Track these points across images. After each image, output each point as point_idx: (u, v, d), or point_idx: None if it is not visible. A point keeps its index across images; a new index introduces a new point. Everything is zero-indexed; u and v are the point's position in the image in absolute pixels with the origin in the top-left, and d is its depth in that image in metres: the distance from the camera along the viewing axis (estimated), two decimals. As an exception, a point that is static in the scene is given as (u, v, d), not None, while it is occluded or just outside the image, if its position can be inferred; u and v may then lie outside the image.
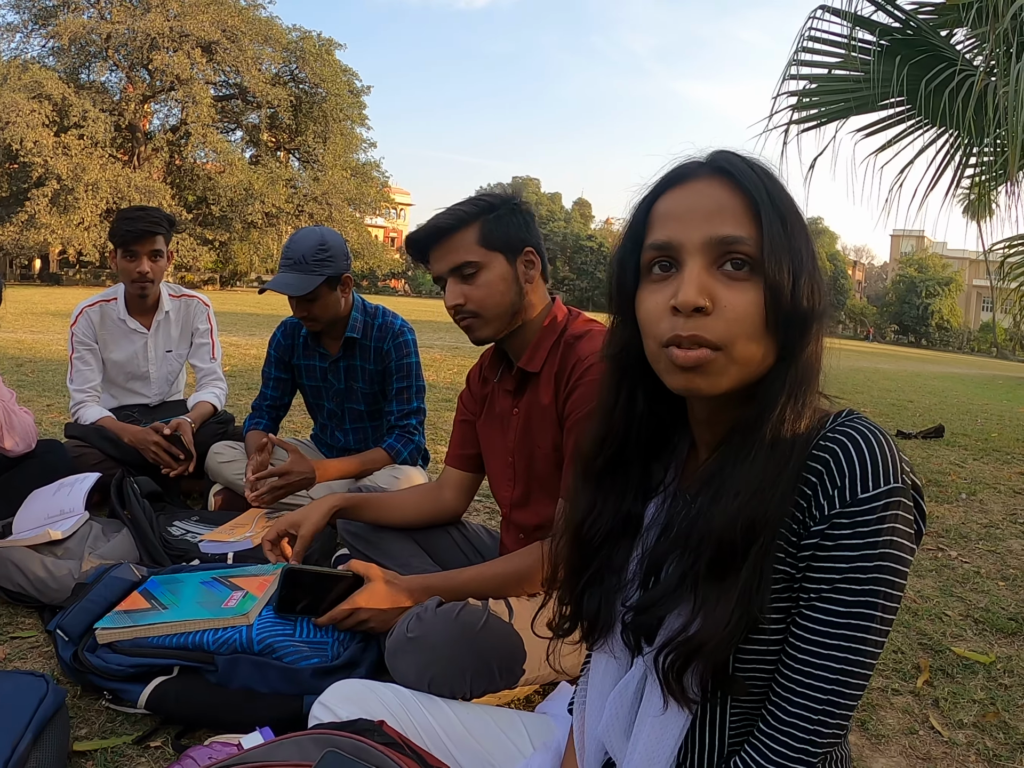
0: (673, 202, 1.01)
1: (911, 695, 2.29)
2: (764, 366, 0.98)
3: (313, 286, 2.88)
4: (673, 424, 1.14)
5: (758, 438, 0.96)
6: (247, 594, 2.05)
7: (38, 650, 2.20)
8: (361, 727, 1.33)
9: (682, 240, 0.97)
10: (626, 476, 1.13)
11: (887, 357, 32.23)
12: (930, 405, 11.19)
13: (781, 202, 0.98)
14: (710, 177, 1.00)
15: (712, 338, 0.93)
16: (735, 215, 0.97)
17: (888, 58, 5.79)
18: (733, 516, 0.94)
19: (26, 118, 33.68)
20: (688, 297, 0.93)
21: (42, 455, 2.97)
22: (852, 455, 0.90)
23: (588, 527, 1.14)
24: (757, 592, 0.92)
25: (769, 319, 0.95)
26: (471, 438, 2.31)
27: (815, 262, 0.99)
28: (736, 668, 0.97)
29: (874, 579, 0.90)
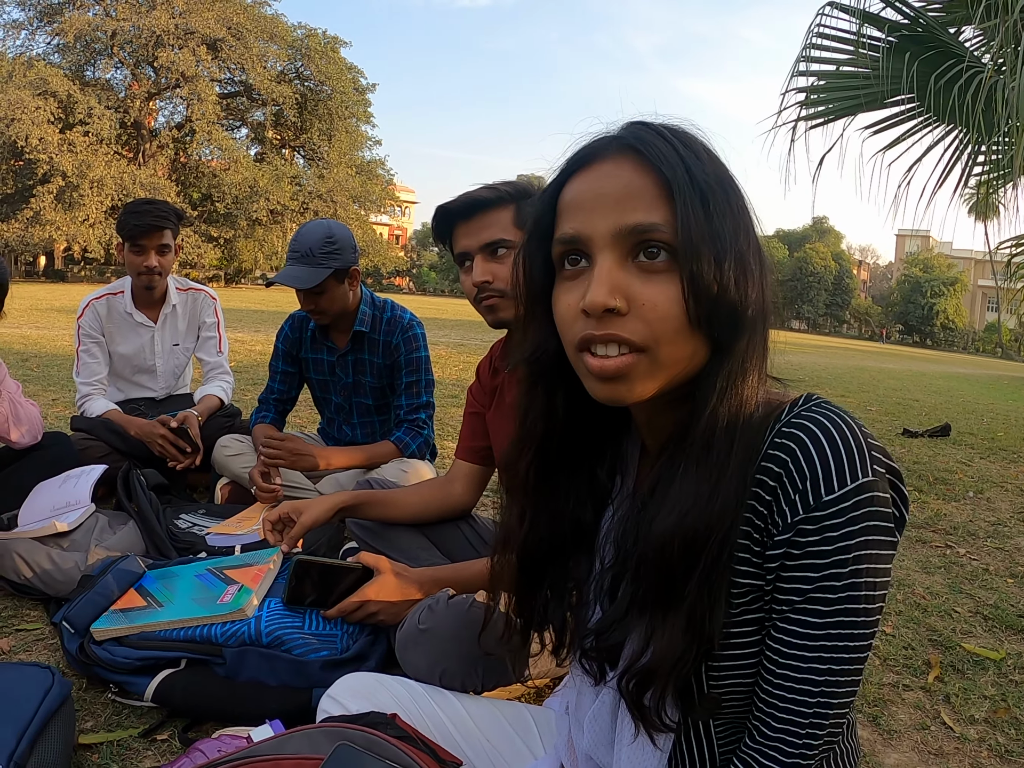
0: (579, 188, 0.90)
1: (922, 691, 2.28)
2: (696, 363, 0.88)
3: (320, 279, 2.87)
4: (612, 424, 1.04)
5: (690, 444, 0.87)
6: (242, 587, 2.02)
7: (43, 642, 2.19)
8: (373, 720, 1.31)
9: (589, 233, 0.87)
10: (559, 483, 1.04)
11: (892, 357, 32.20)
12: (936, 404, 11.16)
13: (703, 176, 0.86)
14: (619, 156, 0.88)
15: (631, 337, 0.84)
16: (646, 198, 0.85)
17: (897, 55, 5.77)
18: (669, 534, 0.86)
19: (31, 115, 33.75)
20: (597, 298, 0.84)
21: (48, 447, 2.96)
22: (811, 452, 0.81)
23: (523, 538, 1.05)
24: (709, 615, 0.85)
25: (691, 314, 0.84)
26: (481, 430, 2.29)
27: (749, 240, 0.88)
28: (710, 686, 0.90)
29: (850, 584, 0.81)
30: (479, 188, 1.95)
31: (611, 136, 0.91)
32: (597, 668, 1.00)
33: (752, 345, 0.88)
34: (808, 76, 6.35)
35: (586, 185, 0.90)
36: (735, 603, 0.87)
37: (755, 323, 0.88)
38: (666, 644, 0.86)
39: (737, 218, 0.88)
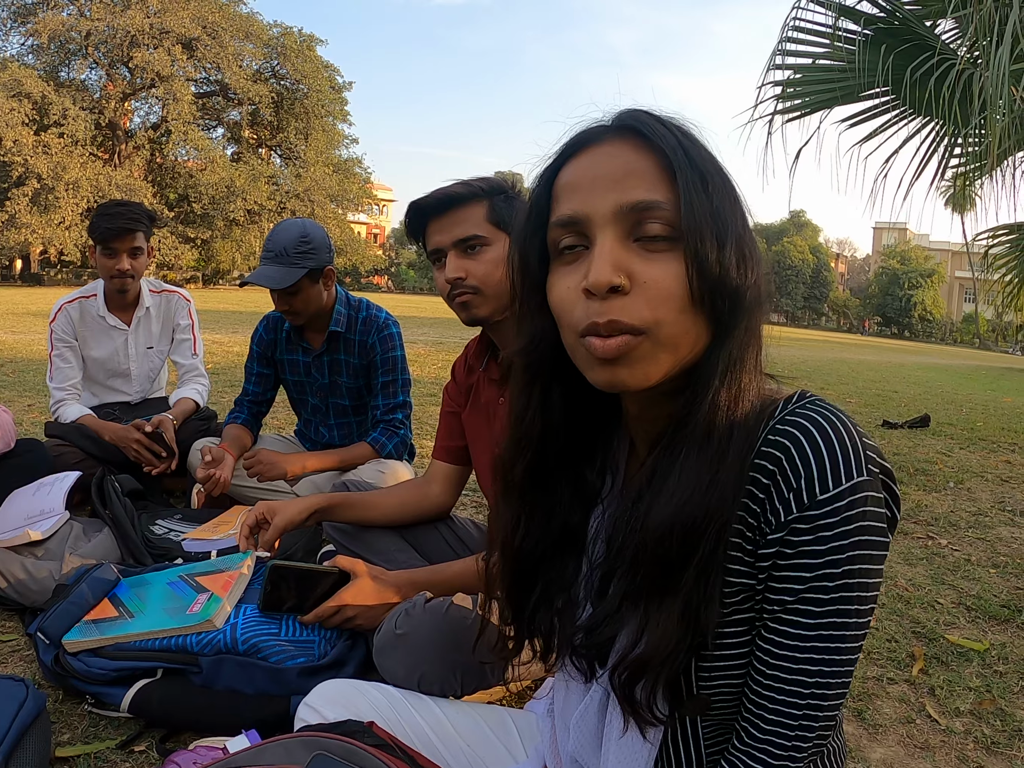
0: (577, 170, 0.89)
1: (907, 684, 2.28)
2: (696, 349, 0.87)
3: (294, 279, 2.84)
4: (604, 423, 1.03)
5: (691, 431, 0.86)
6: (211, 596, 1.99)
7: (19, 654, 2.16)
8: (350, 728, 1.30)
9: (589, 212, 0.86)
10: (552, 486, 1.02)
11: (871, 348, 32.42)
12: (915, 395, 11.23)
13: (701, 160, 0.86)
14: (617, 138, 0.88)
15: (633, 321, 0.82)
16: (647, 177, 0.85)
17: (873, 48, 5.78)
18: (668, 523, 0.84)
19: (5, 117, 33.61)
20: (600, 276, 0.82)
21: (22, 454, 2.93)
22: (806, 450, 0.80)
23: (518, 545, 1.03)
24: (705, 605, 0.83)
25: (694, 292, 0.83)
26: (457, 430, 2.27)
27: (745, 226, 0.88)
28: (700, 686, 0.89)
29: (843, 585, 0.80)
30: (452, 184, 1.92)
31: (608, 123, 0.90)
32: (587, 665, 0.98)
33: (749, 332, 0.87)
34: (784, 69, 6.35)
35: (584, 166, 0.88)
36: (726, 603, 0.86)
37: (751, 309, 0.87)
38: (661, 633, 0.85)
39: (735, 203, 0.88)
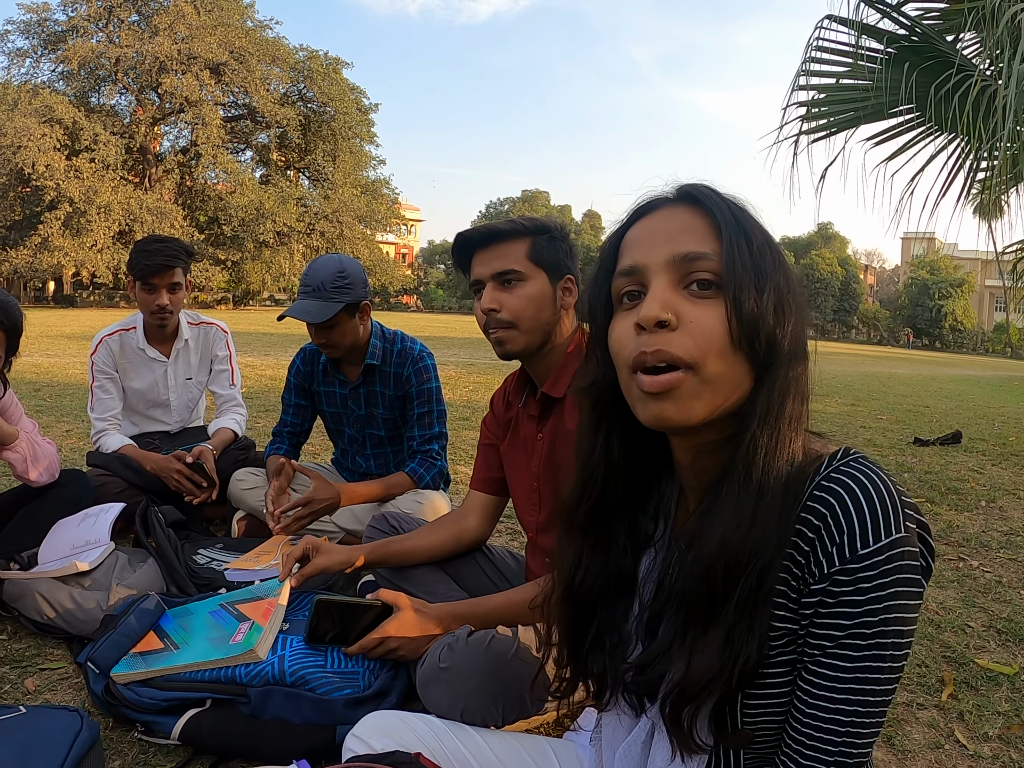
0: (639, 230, 1.02)
1: (936, 709, 2.28)
2: (738, 394, 0.95)
3: (331, 313, 2.89)
4: (656, 471, 1.11)
5: (733, 472, 0.94)
6: (253, 625, 2.04)
7: (68, 681, 2.21)
8: (398, 759, 1.33)
9: (646, 262, 0.97)
10: (611, 528, 1.10)
11: (902, 361, 32.10)
12: (946, 410, 11.13)
13: (747, 224, 0.97)
14: (676, 204, 1.00)
15: (679, 352, 0.91)
16: (697, 233, 0.96)
17: (896, 66, 5.79)
18: (713, 556, 0.92)
19: (37, 142, 34.08)
20: (650, 311, 0.93)
21: (66, 485, 2.98)
22: (849, 507, 0.87)
23: (579, 583, 1.11)
24: (748, 636, 0.90)
25: (733, 334, 0.92)
26: (495, 462, 2.32)
27: (788, 283, 0.97)
28: (744, 721, 0.95)
29: (879, 632, 0.87)
30: (499, 221, 2.02)
31: (670, 194, 1.02)
32: (637, 701, 1.04)
33: (788, 381, 0.95)
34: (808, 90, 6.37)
35: (646, 226, 1.01)
36: (772, 644, 0.93)
37: (791, 360, 0.95)
38: (705, 662, 0.92)
39: (777, 262, 0.98)
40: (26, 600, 2.43)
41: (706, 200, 0.98)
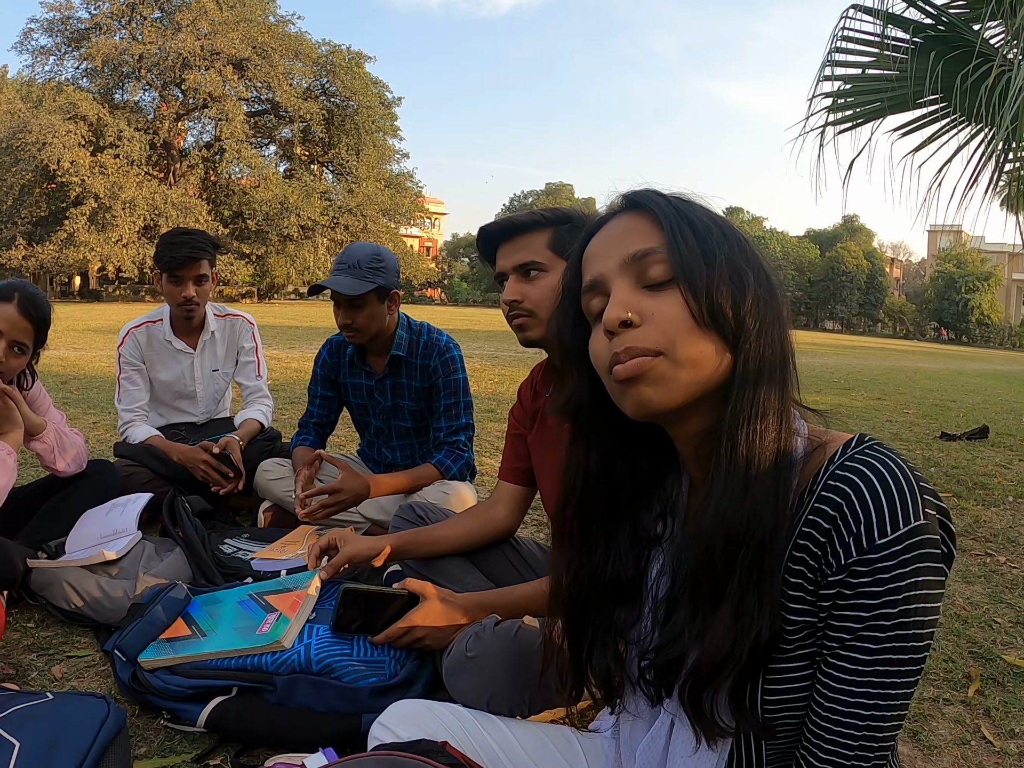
0: (593, 245, 1.05)
1: (962, 705, 2.27)
2: (719, 369, 0.95)
3: (364, 290, 2.92)
4: (659, 472, 1.11)
5: (721, 445, 0.94)
6: (280, 616, 2.05)
7: (94, 669, 2.23)
8: (425, 748, 1.33)
9: (603, 271, 1.00)
10: (600, 536, 1.11)
11: (928, 355, 31.84)
12: (973, 404, 11.04)
13: (689, 211, 0.99)
14: (621, 213, 1.04)
15: (647, 345, 0.93)
16: (641, 232, 0.99)
17: (922, 56, 5.72)
18: (711, 535, 0.93)
19: (62, 139, 34.43)
20: (613, 314, 0.95)
21: (93, 475, 3.01)
22: (865, 496, 0.86)
23: (567, 589, 1.13)
24: (758, 609, 0.90)
25: (695, 313, 0.93)
26: (523, 452, 2.31)
27: (741, 251, 0.98)
28: (765, 716, 0.95)
29: (899, 624, 0.85)
30: (520, 213, 2.01)
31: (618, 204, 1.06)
32: (654, 692, 1.04)
33: (764, 346, 0.95)
34: (834, 81, 6.31)
35: (598, 240, 1.05)
36: (789, 638, 0.92)
37: (762, 326, 0.95)
38: (717, 638, 0.91)
39: (725, 235, 0.99)
40: (54, 588, 2.46)
41: (645, 200, 1.01)
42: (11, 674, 2.16)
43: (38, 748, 1.53)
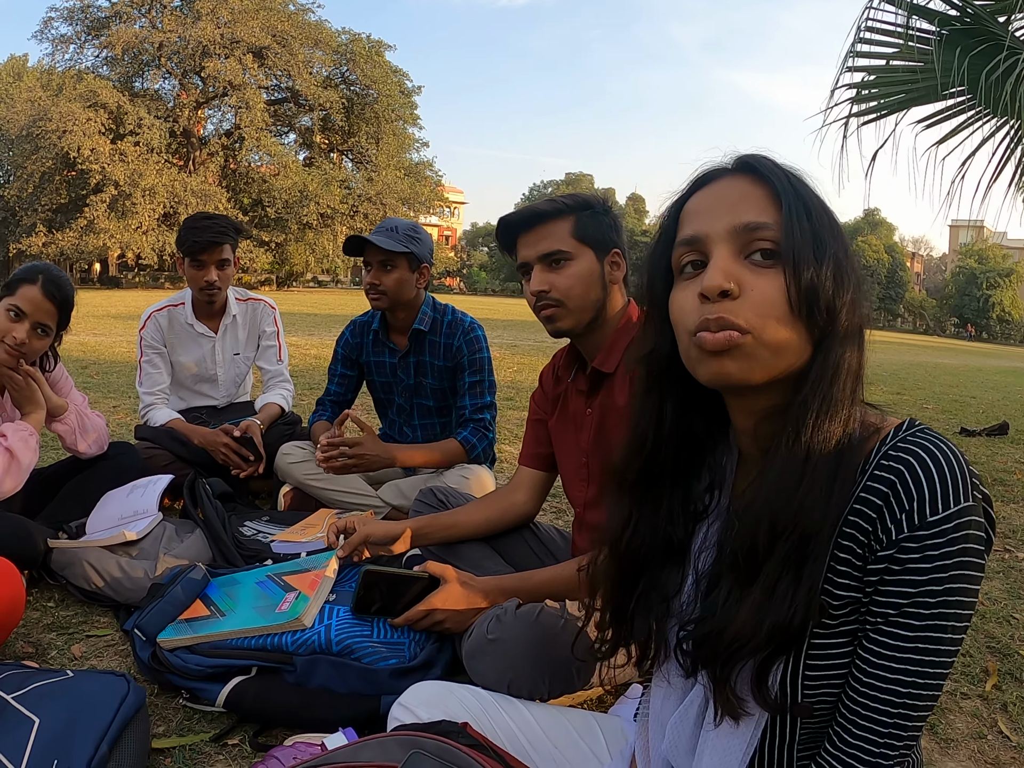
0: (700, 200, 1.03)
1: (979, 699, 2.26)
2: (797, 357, 0.96)
3: (398, 248, 2.99)
4: (712, 440, 1.12)
5: (784, 434, 0.95)
6: (299, 595, 2.06)
7: (114, 648, 2.24)
8: (445, 728, 1.33)
9: (707, 231, 0.98)
10: (660, 494, 1.11)
11: (948, 351, 31.61)
12: (993, 401, 10.94)
13: (807, 196, 0.99)
14: (735, 174, 1.02)
15: (739, 321, 0.93)
16: (758, 203, 0.98)
17: (948, 47, 5.67)
18: (757, 518, 0.94)
19: (82, 127, 34.57)
20: (713, 281, 0.94)
21: (114, 457, 3.03)
22: (919, 475, 0.87)
23: (627, 543, 1.12)
24: (793, 593, 0.90)
25: (792, 302, 0.93)
26: (544, 437, 2.31)
27: (846, 251, 0.98)
28: (804, 691, 0.95)
29: (943, 602, 0.87)
30: (540, 201, 2.00)
31: (728, 164, 1.04)
32: (690, 663, 1.04)
33: (846, 349, 0.96)
34: (857, 72, 6.26)
35: (706, 195, 1.02)
36: (834, 614, 0.93)
37: (848, 329, 0.96)
38: (747, 616, 0.93)
39: (836, 233, 0.99)
40: (74, 568, 2.47)
41: (765, 170, 0.99)
42: (31, 653, 2.17)
43: (58, 725, 1.54)
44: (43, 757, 1.46)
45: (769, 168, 0.99)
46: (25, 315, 2.56)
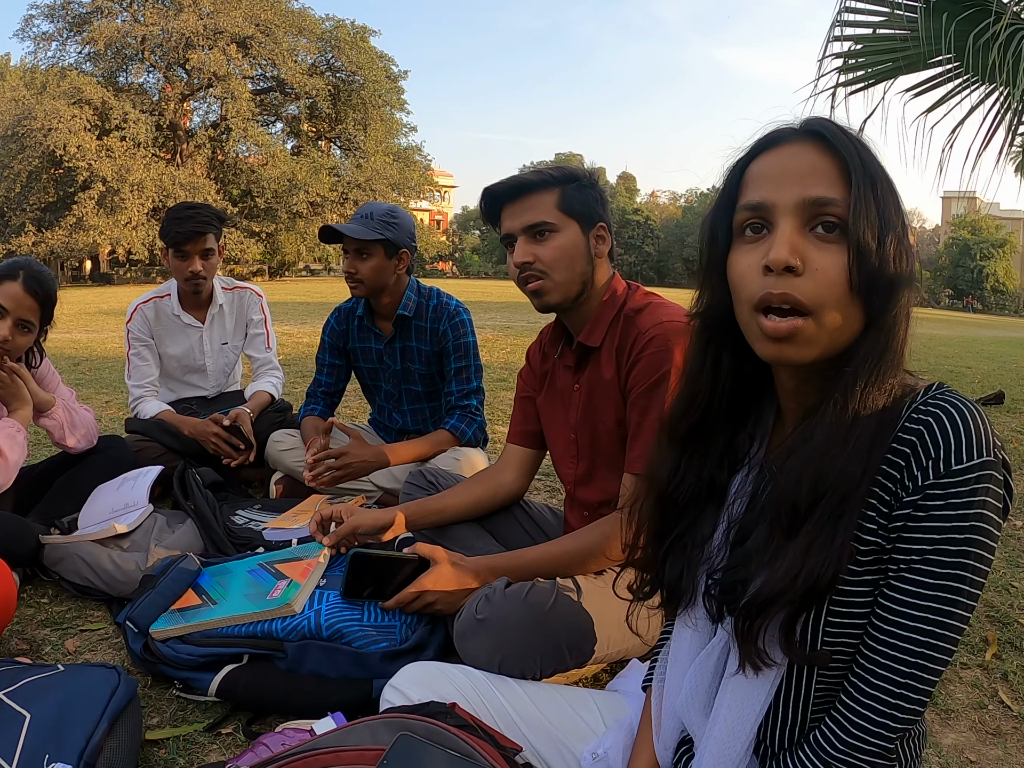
0: (767, 164, 1.02)
1: (980, 669, 2.26)
2: (851, 333, 0.98)
3: (369, 237, 2.96)
4: (758, 392, 1.14)
5: (832, 400, 0.96)
6: (291, 582, 2.05)
7: (107, 642, 2.24)
8: (433, 710, 1.33)
9: (775, 200, 0.98)
10: (710, 441, 1.14)
11: (942, 322, 31.60)
12: (988, 371, 10.93)
13: (872, 166, 0.98)
14: (804, 140, 1.01)
15: (802, 299, 0.94)
16: (828, 177, 0.97)
17: (935, 15, 5.64)
18: (800, 476, 0.95)
19: (68, 124, 34.32)
20: (780, 255, 0.94)
21: (104, 451, 3.03)
22: (947, 427, 0.90)
23: (673, 488, 1.15)
24: (828, 550, 0.92)
25: (853, 281, 0.94)
26: (532, 414, 2.30)
27: (905, 228, 0.99)
28: (824, 639, 0.96)
29: (964, 552, 0.89)
30: (526, 172, 1.98)
31: (795, 126, 1.03)
32: (716, 608, 1.07)
33: (901, 324, 0.98)
34: (844, 41, 6.23)
35: (774, 161, 1.02)
36: (860, 560, 0.95)
37: (904, 303, 0.98)
38: (782, 571, 0.94)
39: (898, 208, 0.99)
40: (66, 563, 2.47)
41: (835, 140, 0.99)
42: (25, 649, 2.17)
43: (48, 719, 1.54)
44: (35, 752, 1.46)
45: (839, 138, 0.99)
46: (7, 312, 2.55)
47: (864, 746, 0.95)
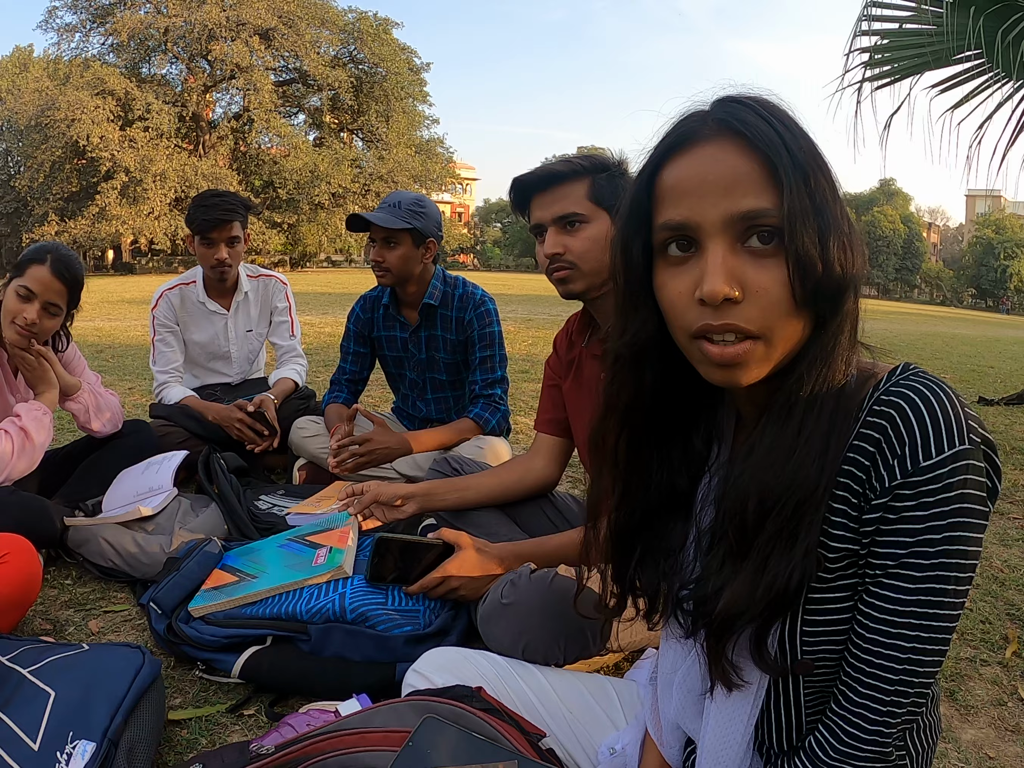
0: (682, 173, 0.89)
1: (999, 666, 2.24)
2: (802, 338, 0.89)
3: (397, 225, 2.97)
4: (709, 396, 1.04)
5: (774, 408, 0.90)
6: (332, 548, 2.07)
7: (131, 623, 2.25)
8: (459, 693, 1.33)
9: (699, 220, 0.86)
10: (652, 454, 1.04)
11: (965, 322, 31.37)
12: (1011, 371, 10.83)
13: (799, 155, 0.85)
14: (720, 139, 0.87)
15: (749, 326, 0.85)
16: (754, 182, 0.85)
17: (962, 10, 5.59)
18: (743, 491, 0.89)
19: (91, 114, 34.58)
20: (715, 287, 0.84)
21: (129, 435, 3.05)
22: (910, 418, 0.82)
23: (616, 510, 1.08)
24: (784, 565, 0.86)
25: (797, 296, 0.84)
26: (560, 402, 2.29)
27: (845, 216, 0.88)
28: (803, 647, 0.92)
29: (943, 551, 0.82)
30: (555, 162, 1.97)
31: (705, 113, 0.90)
32: (690, 623, 1.00)
33: (846, 316, 0.89)
34: (871, 35, 6.19)
35: (689, 170, 0.89)
36: (831, 568, 0.89)
37: (850, 308, 0.89)
38: (738, 591, 0.89)
39: (833, 191, 0.88)
40: (91, 545, 2.48)
41: (756, 135, 0.86)
42: (49, 629, 2.18)
43: (73, 697, 1.55)
44: (59, 729, 1.46)
45: (759, 131, 0.86)
46: (35, 295, 2.57)
47: (859, 753, 0.91)
